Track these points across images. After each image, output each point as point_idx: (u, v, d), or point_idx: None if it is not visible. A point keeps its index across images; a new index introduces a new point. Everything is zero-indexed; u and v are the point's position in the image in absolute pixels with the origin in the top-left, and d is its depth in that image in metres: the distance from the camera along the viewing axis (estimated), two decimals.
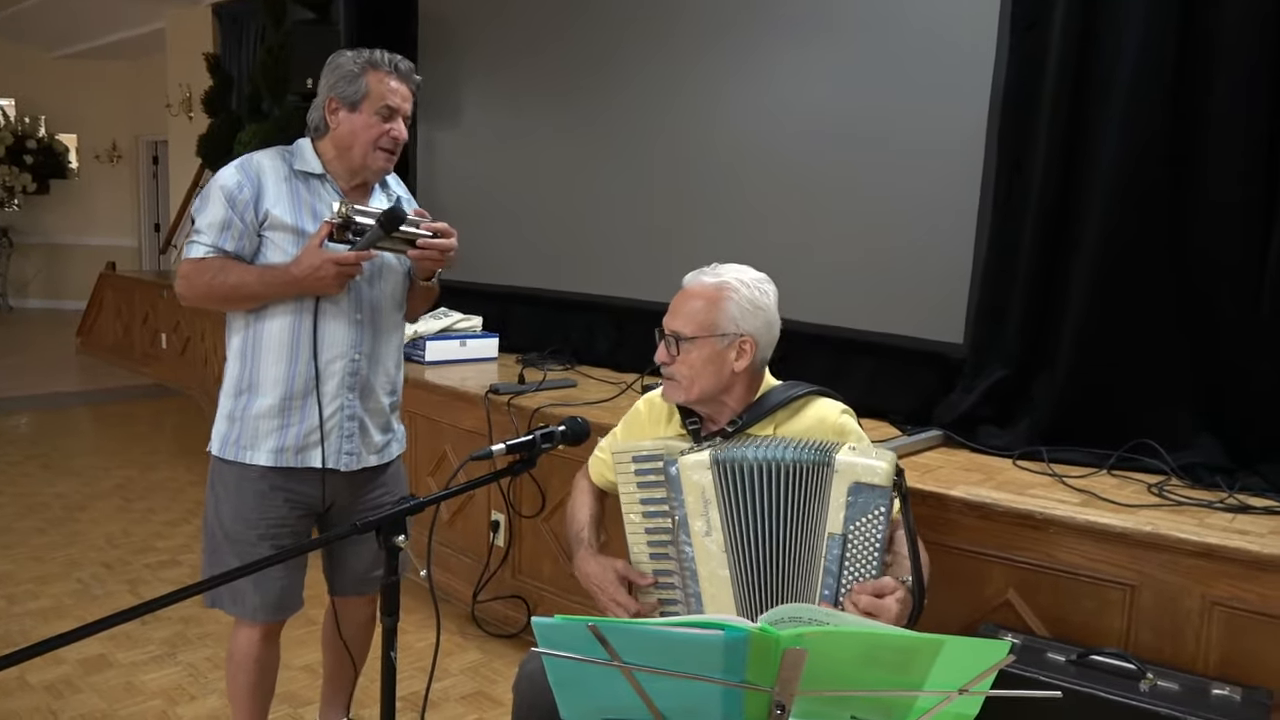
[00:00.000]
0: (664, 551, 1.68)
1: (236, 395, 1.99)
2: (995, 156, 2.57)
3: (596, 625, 0.97)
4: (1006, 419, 2.55)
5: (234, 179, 1.92)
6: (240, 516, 1.98)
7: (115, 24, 8.86)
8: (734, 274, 1.76)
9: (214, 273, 1.89)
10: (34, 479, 4.70)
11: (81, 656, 2.87)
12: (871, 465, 1.53)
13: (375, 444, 2.09)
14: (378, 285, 2.04)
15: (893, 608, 1.51)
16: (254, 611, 2.02)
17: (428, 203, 4.65)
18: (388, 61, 1.95)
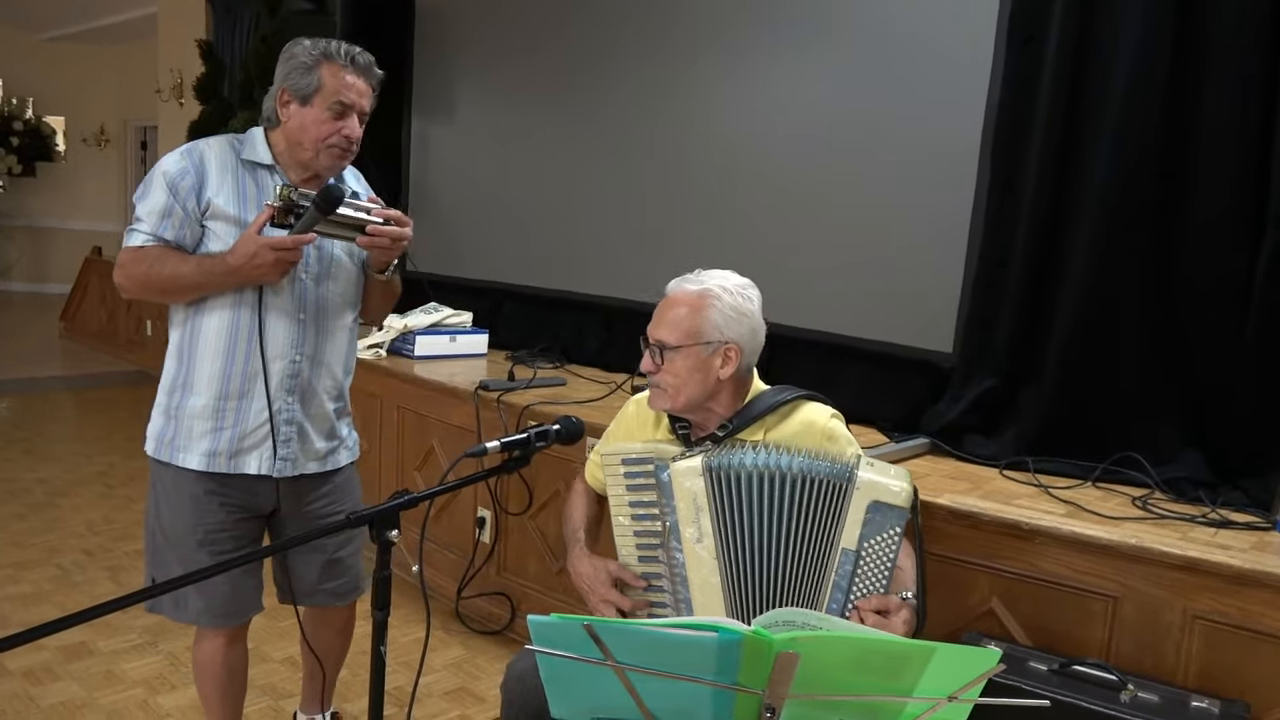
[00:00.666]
0: (653, 555, 1.68)
1: (171, 392, 1.91)
2: (989, 170, 2.59)
3: (592, 625, 0.98)
4: (993, 429, 2.58)
5: (177, 165, 1.83)
6: (178, 520, 1.90)
7: (108, 7, 8.80)
8: (717, 281, 1.75)
9: (150, 262, 1.81)
10: (15, 464, 4.66)
11: (62, 644, 2.85)
12: (893, 486, 1.53)
13: (317, 451, 1.99)
14: (325, 284, 1.94)
15: (898, 628, 1.52)
16: (198, 616, 1.94)
17: (420, 197, 4.68)
18: (344, 54, 1.84)
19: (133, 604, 1.23)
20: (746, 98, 3.25)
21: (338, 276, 1.97)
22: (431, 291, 4.19)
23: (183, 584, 1.30)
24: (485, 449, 1.47)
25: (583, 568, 1.75)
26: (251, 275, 1.79)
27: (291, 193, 1.75)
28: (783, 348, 3.15)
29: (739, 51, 3.26)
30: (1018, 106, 2.51)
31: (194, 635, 2.06)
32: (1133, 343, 2.35)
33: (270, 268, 1.78)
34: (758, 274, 3.21)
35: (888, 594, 1.57)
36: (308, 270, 1.89)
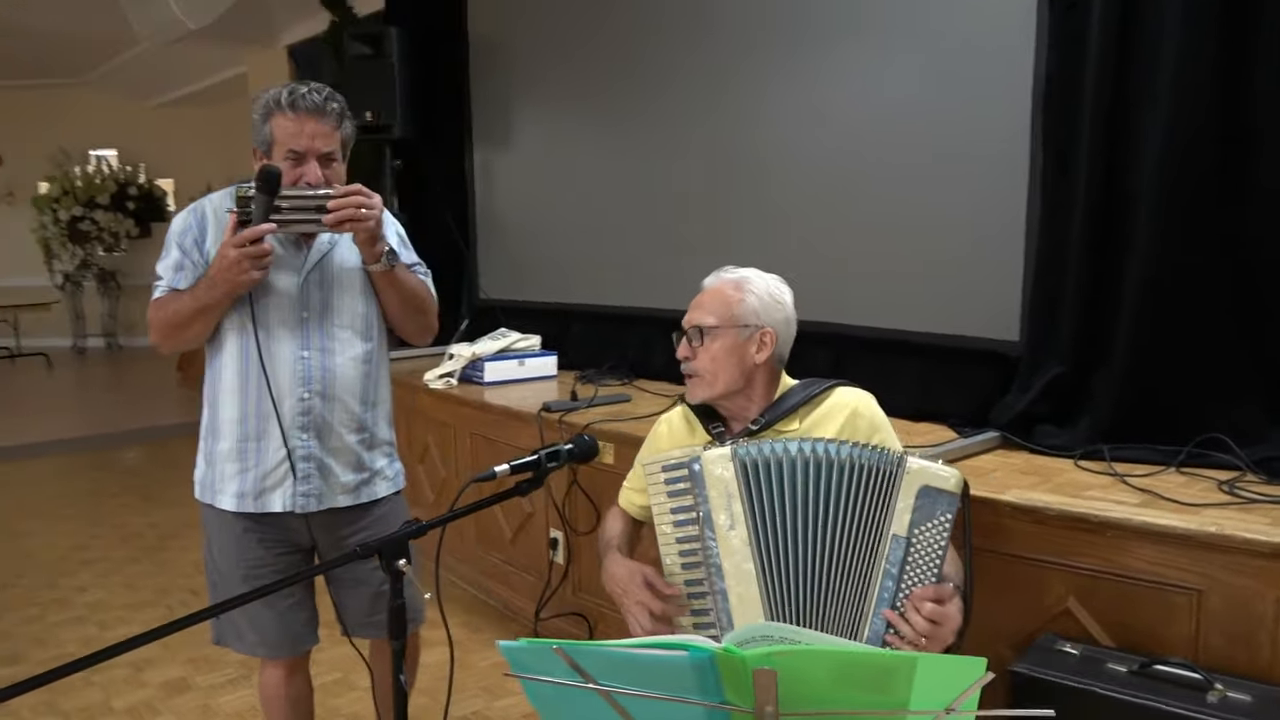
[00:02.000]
0: (697, 560, 1.66)
1: (205, 437, 2.00)
2: (1040, 148, 2.47)
3: (563, 648, 0.96)
4: (1065, 418, 2.44)
5: (181, 223, 1.95)
6: (225, 558, 2.00)
7: (202, 72, 9.28)
8: (753, 271, 1.83)
9: (161, 307, 1.91)
10: (131, 509, 4.93)
11: (164, 679, 3.00)
12: (943, 472, 1.52)
13: (344, 484, 2.01)
14: (329, 317, 1.97)
15: (955, 616, 1.50)
16: (254, 648, 2.04)
17: (486, 226, 4.76)
18: (286, 98, 1.84)
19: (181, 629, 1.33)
20: (793, 99, 3.19)
21: (340, 281, 1.98)
22: (502, 317, 4.26)
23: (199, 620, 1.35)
24: (494, 473, 1.47)
25: (617, 570, 1.73)
26: (225, 278, 1.79)
27: (245, 191, 1.78)
28: (847, 349, 3.09)
29: (782, 53, 3.20)
30: (1065, 79, 2.39)
31: (260, 669, 2.14)
32: (1207, 317, 2.19)
33: (235, 264, 1.76)
34: (816, 274, 3.17)
35: (940, 582, 1.53)
36: (270, 251, 1.82)
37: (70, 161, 10.88)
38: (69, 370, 9.95)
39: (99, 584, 3.86)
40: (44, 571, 4.02)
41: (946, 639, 1.49)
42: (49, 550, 4.30)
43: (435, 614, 3.20)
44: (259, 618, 2.00)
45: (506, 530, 3.43)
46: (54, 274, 11.01)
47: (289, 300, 1.93)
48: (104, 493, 5.34)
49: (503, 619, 3.41)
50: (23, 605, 3.64)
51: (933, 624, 1.48)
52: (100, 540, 4.43)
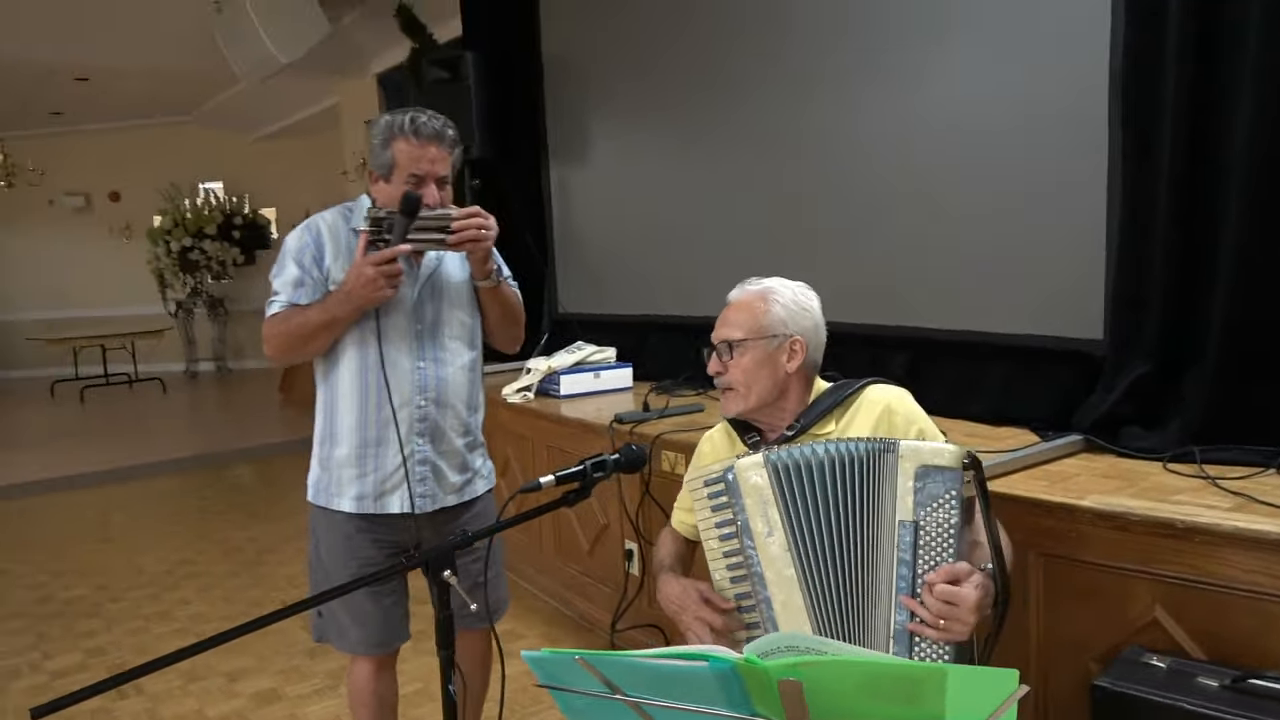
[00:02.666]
0: (743, 574, 1.63)
1: (321, 443, 2.09)
2: (1119, 134, 2.36)
3: (585, 658, 0.95)
4: (1153, 419, 2.32)
5: (298, 241, 2.03)
6: (335, 558, 2.08)
7: (297, 104, 9.68)
8: (777, 281, 1.81)
9: (283, 321, 1.98)
10: (233, 525, 5.14)
11: (255, 690, 3.10)
12: (937, 448, 1.49)
13: (453, 484, 2.13)
14: (440, 306, 2.08)
15: (970, 595, 1.43)
16: (355, 645, 2.11)
17: (564, 241, 4.82)
18: (410, 125, 1.95)
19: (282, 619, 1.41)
20: (868, 101, 3.13)
21: (448, 294, 2.10)
22: (580, 330, 4.29)
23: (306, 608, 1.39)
24: (540, 484, 1.47)
25: (671, 589, 1.73)
26: (361, 294, 1.90)
27: (377, 213, 1.89)
28: (923, 353, 3.01)
29: (858, 58, 3.15)
30: (1144, 57, 2.27)
31: (349, 667, 2.20)
32: None
33: (372, 281, 1.88)
34: (891, 278, 3.11)
35: (960, 562, 1.48)
36: (401, 272, 1.95)
37: (180, 195, 11.46)
38: (182, 394, 10.45)
39: (200, 597, 4.02)
40: (151, 585, 4.21)
41: (966, 619, 1.42)
42: (157, 565, 4.50)
43: (516, 625, 3.25)
44: (364, 614, 2.08)
45: (584, 542, 3.44)
46: (167, 302, 11.61)
47: (404, 313, 2.04)
48: (211, 509, 5.58)
49: (580, 630, 3.42)
50: (129, 618, 3.82)
51: (948, 605, 1.42)
52: (204, 555, 4.63)
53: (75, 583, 4.30)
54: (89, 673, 3.30)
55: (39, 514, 5.66)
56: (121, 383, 10.80)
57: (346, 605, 2.08)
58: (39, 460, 6.99)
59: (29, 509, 5.78)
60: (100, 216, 12.09)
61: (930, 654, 1.45)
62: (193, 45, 7.41)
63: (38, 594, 4.18)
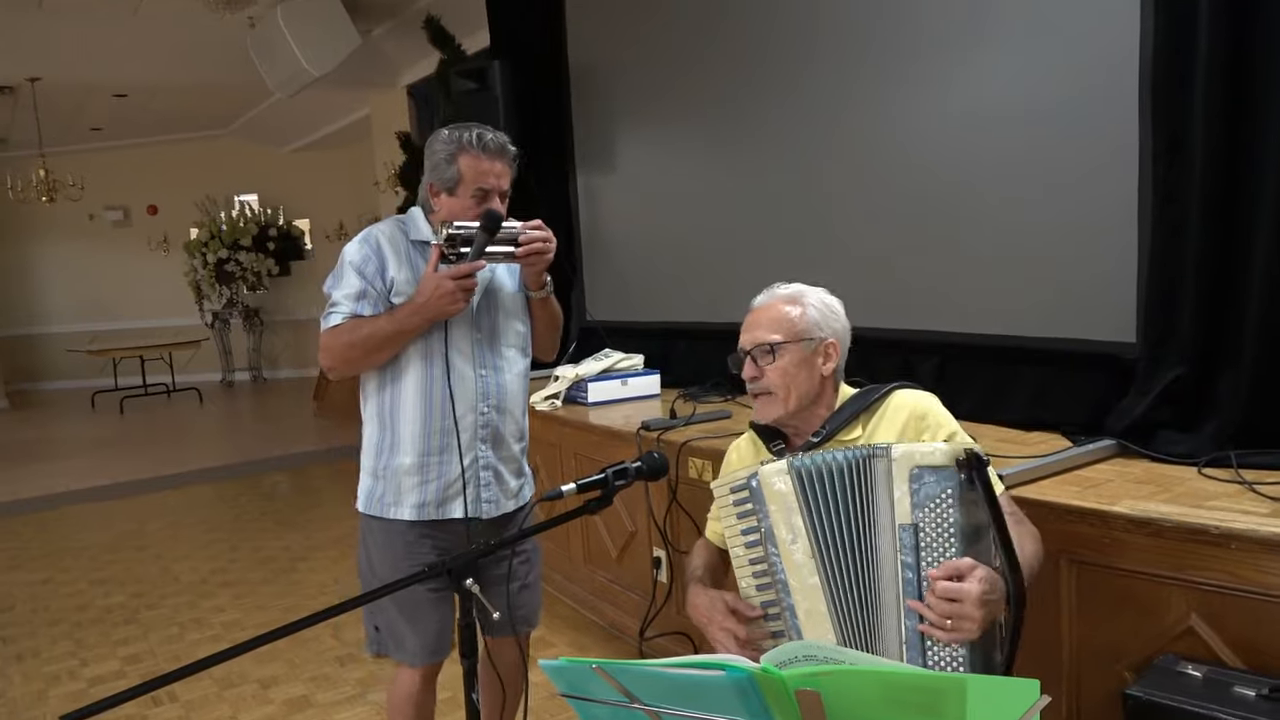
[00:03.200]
0: (769, 582, 1.62)
1: (378, 454, 2.08)
2: (1150, 133, 2.32)
3: (602, 666, 0.94)
4: (1189, 422, 2.27)
5: (359, 253, 2.03)
6: (392, 566, 2.05)
7: (330, 116, 9.79)
8: (803, 285, 1.80)
9: (348, 332, 1.99)
10: (267, 533, 5.20)
11: (287, 697, 3.12)
12: (930, 448, 1.47)
13: (511, 489, 2.17)
14: (496, 315, 2.11)
15: (973, 589, 1.38)
16: (413, 656, 2.10)
17: (590, 248, 4.82)
18: (477, 142, 1.99)
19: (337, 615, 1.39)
20: (895, 107, 3.11)
21: (503, 305, 2.14)
22: (607, 338, 4.29)
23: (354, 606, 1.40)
24: (561, 492, 1.47)
25: (699, 600, 1.72)
26: (437, 307, 1.94)
27: (455, 229, 1.92)
28: (954, 358, 2.98)
29: (885, 64, 3.13)
30: (1174, 58, 2.24)
31: (391, 678, 2.20)
32: None
33: (451, 296, 1.92)
34: (919, 282, 3.09)
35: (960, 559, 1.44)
36: (475, 285, 1.99)
37: (216, 207, 11.64)
38: (218, 403, 10.59)
39: (234, 605, 4.07)
40: (187, 592, 4.27)
41: (973, 614, 1.37)
42: (192, 573, 4.56)
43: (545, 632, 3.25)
44: (425, 625, 2.08)
45: (612, 549, 3.44)
46: (204, 313, 11.78)
47: (466, 323, 2.07)
48: (245, 517, 5.65)
49: (609, 638, 3.42)
50: (165, 625, 3.88)
51: (951, 602, 1.39)
52: (238, 564, 4.68)
53: (113, 590, 4.37)
54: (126, 680, 3.35)
55: (79, 522, 5.76)
56: (160, 393, 10.97)
57: (406, 613, 2.07)
58: (80, 470, 7.12)
59: (70, 517, 5.89)
60: (138, 230, 12.30)
61: (944, 658, 1.42)
62: (228, 61, 7.53)
63: (77, 601, 4.26)
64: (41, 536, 5.46)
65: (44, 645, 3.75)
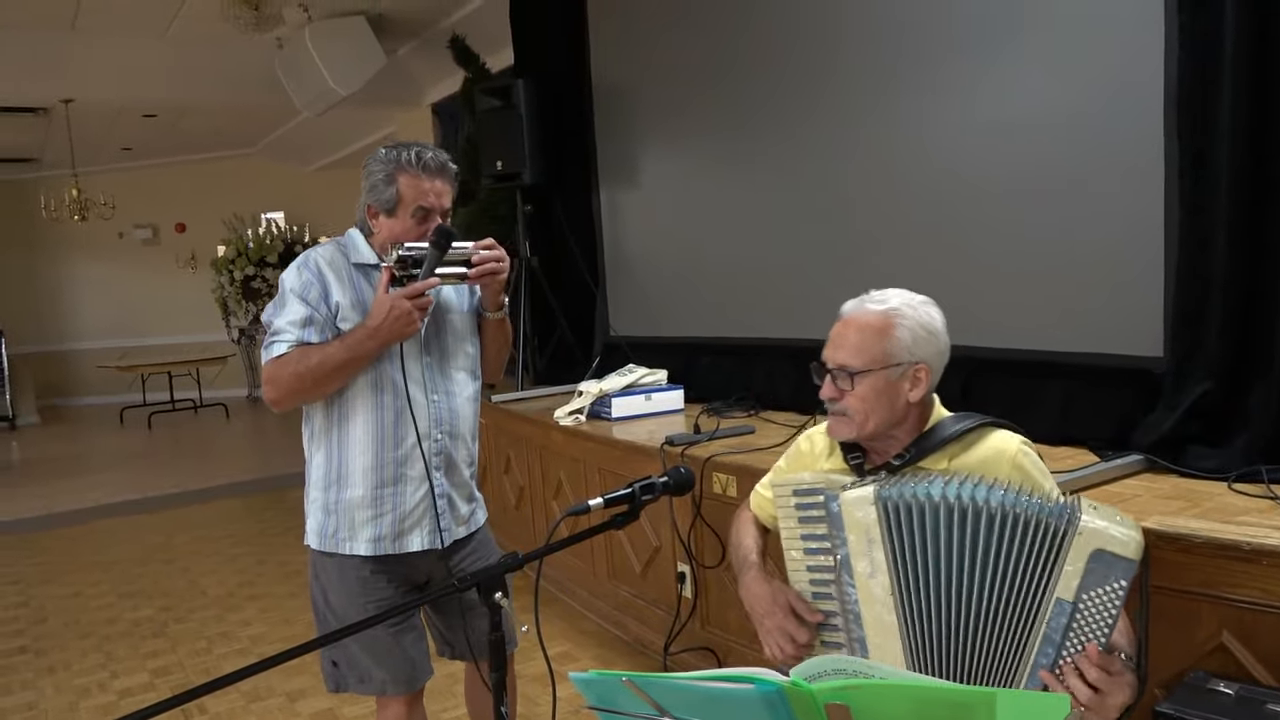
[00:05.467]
0: (827, 591, 1.58)
1: (326, 488, 2.00)
2: (1176, 145, 2.32)
3: (632, 679, 0.95)
4: (1219, 437, 2.26)
5: (299, 279, 1.94)
6: (350, 602, 1.99)
7: (355, 135, 9.91)
8: (900, 299, 1.65)
9: (296, 362, 1.89)
10: (293, 548, 5.22)
11: (314, 711, 3.14)
12: (1121, 535, 1.36)
13: (462, 515, 2.11)
14: (447, 361, 2.06)
15: (1125, 691, 1.35)
16: (384, 686, 2.02)
17: (614, 264, 4.85)
18: (416, 160, 1.92)
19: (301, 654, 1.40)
20: (917, 122, 3.12)
21: (453, 327, 2.07)
22: (630, 354, 4.31)
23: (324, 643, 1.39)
24: (588, 507, 1.48)
25: (760, 590, 1.66)
26: (392, 329, 1.87)
27: (405, 250, 1.87)
28: (978, 372, 2.97)
29: (906, 80, 3.14)
30: (1200, 71, 2.24)
31: (428, 695, 2.16)
32: None
33: (407, 317, 1.86)
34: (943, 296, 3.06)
35: (1111, 655, 1.38)
36: (430, 305, 1.94)
37: (243, 225, 11.77)
38: (244, 419, 10.68)
39: (261, 618, 4.10)
40: (214, 606, 4.30)
41: (1110, 713, 1.34)
42: (219, 586, 4.60)
43: (570, 647, 3.25)
44: (387, 656, 2.01)
45: (636, 565, 3.44)
46: (230, 330, 11.89)
47: (415, 348, 2.00)
48: (270, 531, 5.69)
49: (634, 653, 3.41)
50: (193, 639, 3.91)
51: (1096, 692, 1.33)
52: (265, 577, 4.71)
53: (142, 604, 4.41)
54: (155, 693, 3.37)
55: (109, 536, 5.82)
56: (187, 408, 11.09)
57: (369, 647, 2.00)
58: (109, 484, 7.20)
59: (99, 532, 5.95)
60: (167, 247, 12.46)
61: None
62: (256, 81, 7.63)
63: (106, 614, 4.30)
64: (72, 550, 5.53)
65: (75, 658, 3.79)
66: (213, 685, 1.30)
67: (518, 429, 4.25)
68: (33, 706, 3.35)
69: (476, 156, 5.32)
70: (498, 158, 4.76)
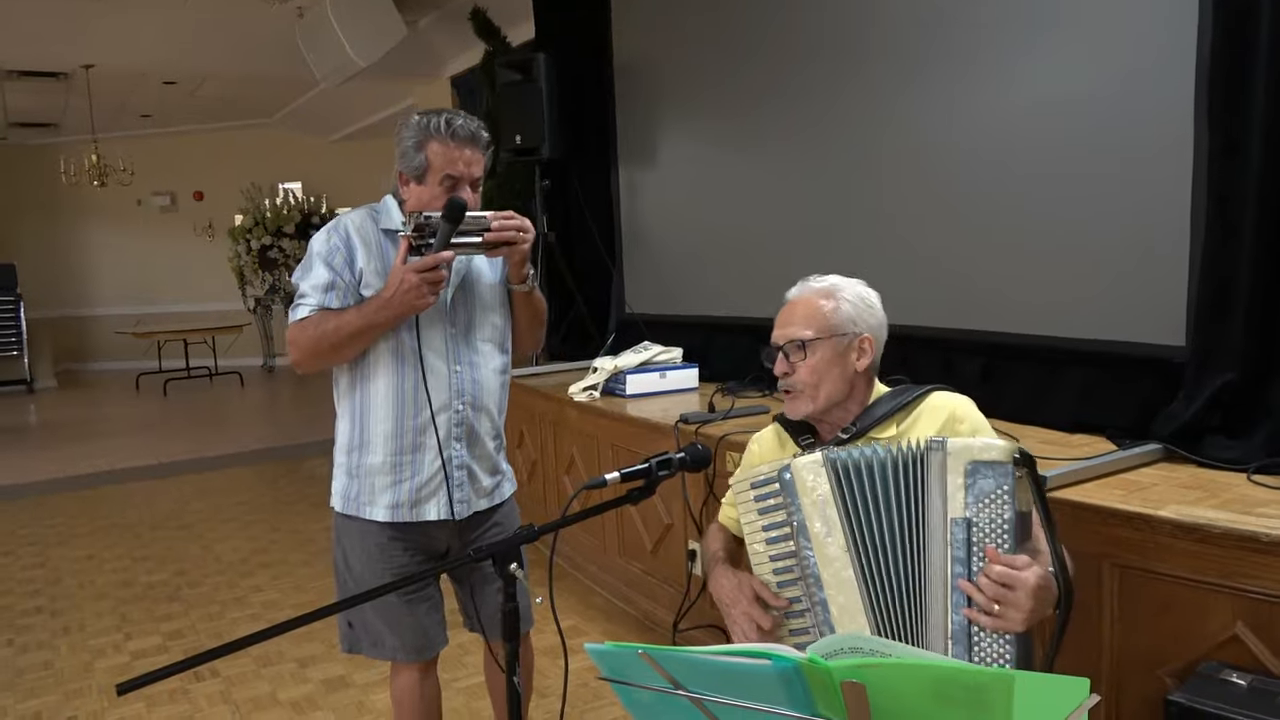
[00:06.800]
0: (791, 578, 1.62)
1: (349, 452, 2.03)
2: (1206, 132, 2.29)
3: (648, 652, 0.95)
4: (1239, 428, 2.24)
5: (326, 244, 1.95)
6: (367, 567, 2.03)
7: (373, 106, 9.88)
8: (838, 279, 1.77)
9: (314, 325, 1.91)
10: (305, 517, 5.27)
11: (325, 676, 3.17)
12: (987, 443, 1.46)
13: (484, 488, 2.11)
14: (473, 332, 2.05)
15: (1028, 577, 1.39)
16: (395, 653, 2.06)
17: (632, 241, 4.84)
18: (445, 127, 1.91)
19: (316, 620, 1.40)
20: (939, 103, 3.09)
21: (480, 298, 2.07)
22: (646, 331, 4.30)
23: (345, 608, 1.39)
24: (605, 481, 1.48)
25: (725, 581, 1.71)
26: (404, 302, 1.85)
27: (421, 218, 1.85)
28: (997, 358, 2.95)
29: (928, 60, 3.11)
30: (1233, 56, 2.20)
31: (440, 663, 2.19)
32: None
33: (416, 289, 1.84)
34: (963, 281, 3.06)
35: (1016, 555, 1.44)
36: (446, 278, 1.91)
37: (260, 195, 11.79)
38: (259, 387, 10.75)
39: (273, 585, 4.14)
40: (228, 572, 4.34)
41: (1023, 604, 1.38)
42: (234, 553, 4.64)
43: (579, 621, 3.27)
44: (400, 622, 2.04)
45: (647, 541, 3.45)
46: (246, 299, 11.94)
47: (439, 316, 2.00)
48: (284, 500, 5.73)
49: (643, 629, 3.43)
50: (206, 603, 3.95)
51: (1004, 587, 1.39)
52: (278, 544, 4.76)
53: (156, 568, 4.46)
54: (168, 654, 3.42)
55: (123, 501, 5.88)
56: (202, 376, 11.15)
57: (382, 613, 2.04)
58: (125, 448, 7.27)
59: (114, 496, 6.01)
60: (184, 215, 12.50)
61: (990, 651, 1.42)
62: (275, 50, 7.63)
63: (121, 577, 4.35)
64: (87, 513, 5.59)
65: (90, 619, 3.84)
66: (233, 645, 1.32)
67: (532, 404, 4.26)
68: (49, 665, 3.40)
69: (495, 130, 5.28)
70: (517, 132, 4.74)
